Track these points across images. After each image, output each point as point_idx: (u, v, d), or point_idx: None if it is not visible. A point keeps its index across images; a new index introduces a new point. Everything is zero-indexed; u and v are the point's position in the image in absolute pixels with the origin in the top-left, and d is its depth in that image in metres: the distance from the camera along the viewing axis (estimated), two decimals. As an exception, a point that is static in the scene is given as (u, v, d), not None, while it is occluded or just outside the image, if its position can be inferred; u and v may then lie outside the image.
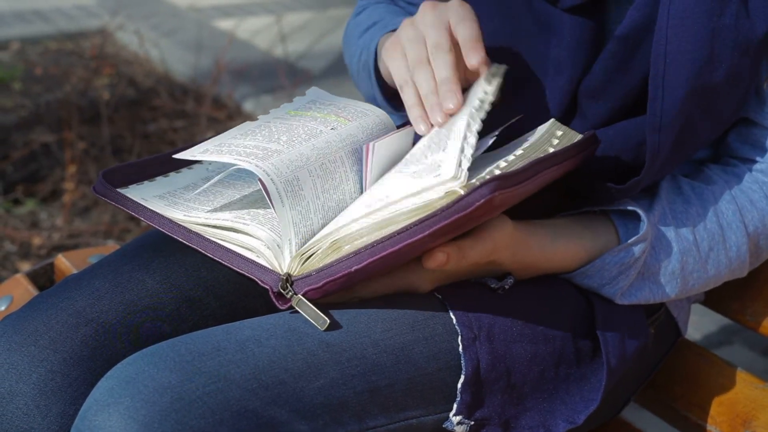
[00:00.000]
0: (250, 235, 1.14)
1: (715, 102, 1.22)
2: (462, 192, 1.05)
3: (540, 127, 1.23)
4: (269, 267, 1.12)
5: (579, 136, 1.22)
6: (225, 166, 1.27)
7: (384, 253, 1.06)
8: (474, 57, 1.18)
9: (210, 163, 1.30)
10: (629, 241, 1.23)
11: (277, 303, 1.10)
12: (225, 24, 4.63)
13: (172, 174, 1.27)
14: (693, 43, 1.18)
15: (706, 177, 1.31)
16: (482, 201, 1.03)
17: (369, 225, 1.11)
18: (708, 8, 1.17)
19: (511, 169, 1.10)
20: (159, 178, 1.26)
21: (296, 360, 1.08)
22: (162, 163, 1.27)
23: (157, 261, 1.24)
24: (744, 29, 1.19)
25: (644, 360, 1.35)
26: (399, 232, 1.06)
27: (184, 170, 1.28)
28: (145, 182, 1.25)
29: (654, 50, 1.18)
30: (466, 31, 1.20)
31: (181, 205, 1.20)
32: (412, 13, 1.54)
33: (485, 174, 1.12)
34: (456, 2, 1.23)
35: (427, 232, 1.05)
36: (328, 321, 1.10)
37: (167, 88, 3.83)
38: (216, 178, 1.23)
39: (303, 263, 1.11)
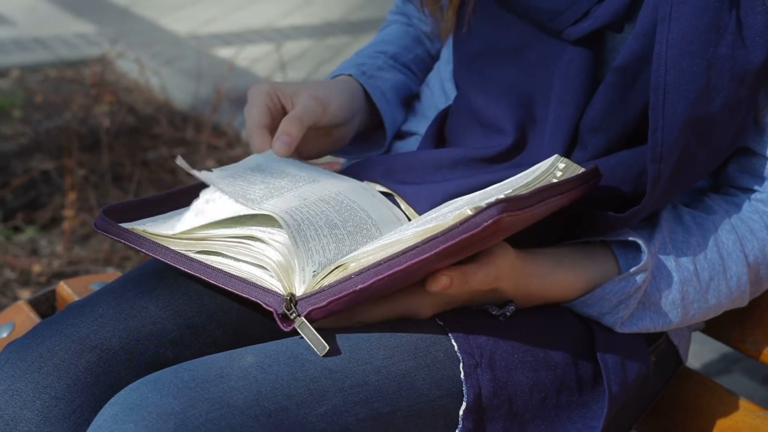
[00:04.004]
0: (266, 243, 1.14)
1: (712, 131, 1.23)
2: (470, 212, 1.06)
3: (543, 162, 1.25)
4: (272, 289, 1.12)
5: (581, 169, 1.23)
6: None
7: (390, 272, 1.07)
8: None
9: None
10: (630, 271, 1.23)
11: (281, 325, 1.11)
12: (224, 52, 4.65)
13: (171, 213, 1.28)
14: (690, 73, 1.18)
15: (706, 206, 1.31)
16: (490, 221, 1.04)
17: (376, 246, 1.12)
18: (705, 38, 1.18)
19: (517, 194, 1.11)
20: (158, 216, 1.27)
21: (299, 387, 1.08)
22: (162, 202, 1.28)
23: (160, 288, 1.24)
24: (740, 59, 1.20)
25: (645, 388, 1.35)
26: (405, 251, 1.07)
27: (184, 209, 1.28)
28: (145, 219, 1.26)
29: (653, 80, 1.19)
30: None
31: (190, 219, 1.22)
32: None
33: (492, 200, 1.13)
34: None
35: (434, 251, 1.05)
36: (327, 347, 1.11)
37: (167, 115, 3.84)
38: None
39: (308, 283, 1.12)
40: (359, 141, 1.51)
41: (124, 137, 3.61)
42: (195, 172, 1.24)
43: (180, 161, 1.25)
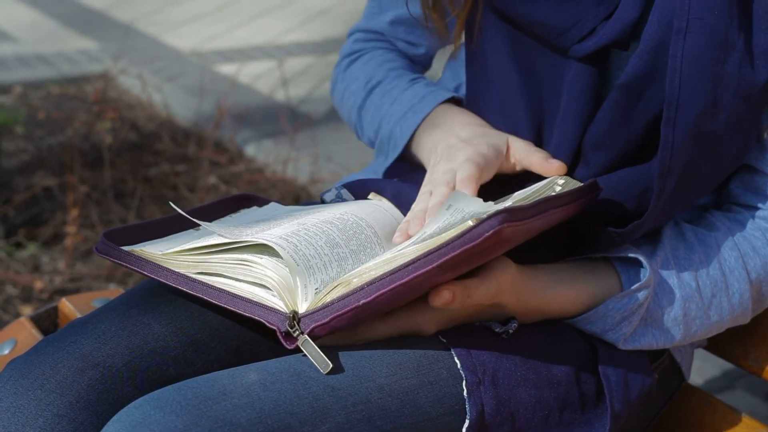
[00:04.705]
0: (263, 266, 1.14)
1: (716, 148, 1.23)
2: (471, 224, 1.06)
3: (543, 180, 1.25)
4: (275, 307, 1.12)
5: (580, 184, 1.23)
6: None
7: (392, 286, 1.07)
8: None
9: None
10: (632, 288, 1.23)
11: (284, 343, 1.11)
12: (227, 69, 4.66)
13: (171, 236, 1.28)
14: (699, 89, 1.18)
15: (709, 223, 1.31)
16: (491, 232, 1.04)
17: (379, 261, 1.12)
18: (713, 55, 1.18)
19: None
20: (159, 240, 1.27)
21: (302, 404, 1.08)
22: (163, 225, 1.28)
23: (163, 305, 1.24)
24: (746, 77, 1.20)
25: (648, 405, 1.35)
26: (407, 265, 1.07)
27: (184, 233, 1.29)
28: (146, 242, 1.26)
29: (668, 94, 1.19)
30: None
31: (190, 241, 1.22)
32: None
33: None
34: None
35: (435, 264, 1.05)
36: (331, 365, 1.11)
37: (169, 132, 3.84)
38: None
39: (310, 300, 1.12)
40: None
41: (126, 154, 3.62)
42: (192, 219, 1.25)
43: (173, 206, 1.26)
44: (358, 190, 1.38)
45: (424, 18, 1.42)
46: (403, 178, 1.41)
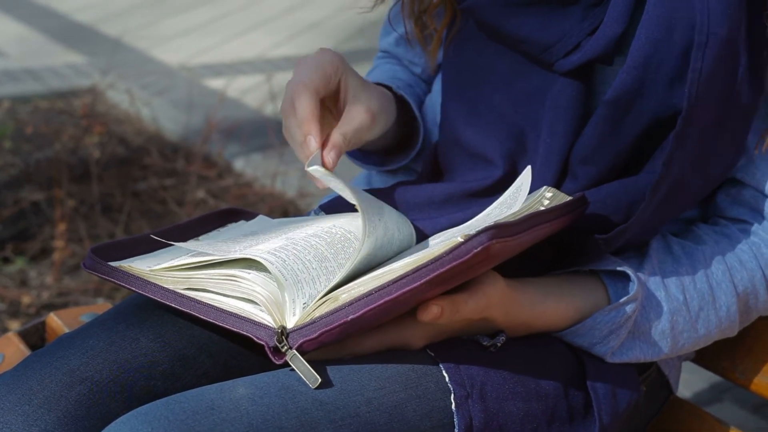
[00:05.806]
0: (250, 281, 1.14)
1: (709, 160, 1.24)
2: (461, 240, 1.06)
3: (532, 193, 1.25)
4: (263, 323, 1.12)
5: (568, 198, 1.23)
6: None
7: (381, 302, 1.07)
8: None
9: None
10: (620, 301, 1.24)
11: (273, 358, 1.11)
12: (215, 83, 4.66)
13: (159, 251, 1.28)
14: (710, 104, 1.19)
15: (695, 236, 1.32)
16: (480, 248, 1.04)
17: (367, 276, 1.12)
18: (726, 69, 1.19)
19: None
20: (146, 255, 1.27)
21: (290, 418, 1.08)
22: (150, 240, 1.28)
23: (150, 320, 1.24)
24: (744, 93, 1.21)
25: (636, 417, 1.35)
26: (396, 280, 1.07)
27: (172, 249, 1.29)
28: (133, 257, 1.26)
29: (685, 110, 1.19)
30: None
31: (175, 258, 1.21)
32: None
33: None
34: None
35: (424, 280, 1.06)
36: (320, 379, 1.11)
37: (158, 146, 3.84)
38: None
39: (298, 315, 1.12)
40: (381, 154, 1.50)
41: (114, 168, 3.61)
42: (177, 244, 1.24)
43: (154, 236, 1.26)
44: (336, 207, 1.39)
45: (405, 31, 1.43)
46: (371, 188, 1.42)
